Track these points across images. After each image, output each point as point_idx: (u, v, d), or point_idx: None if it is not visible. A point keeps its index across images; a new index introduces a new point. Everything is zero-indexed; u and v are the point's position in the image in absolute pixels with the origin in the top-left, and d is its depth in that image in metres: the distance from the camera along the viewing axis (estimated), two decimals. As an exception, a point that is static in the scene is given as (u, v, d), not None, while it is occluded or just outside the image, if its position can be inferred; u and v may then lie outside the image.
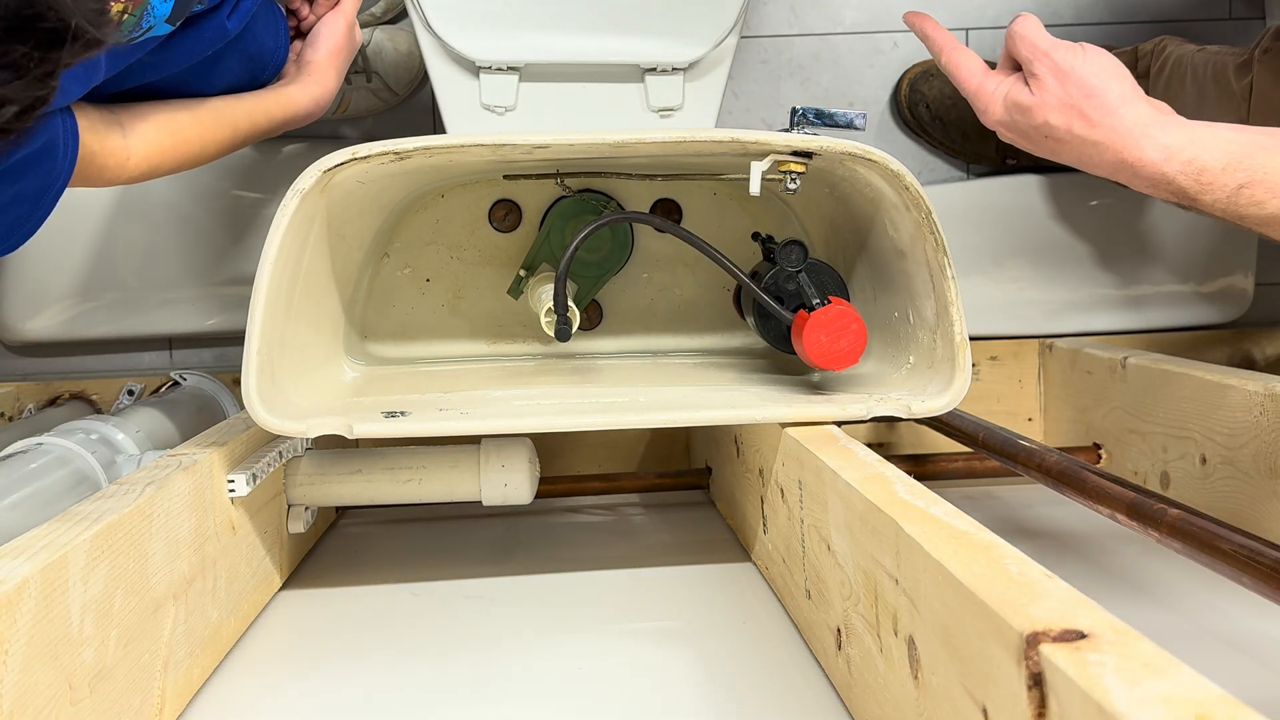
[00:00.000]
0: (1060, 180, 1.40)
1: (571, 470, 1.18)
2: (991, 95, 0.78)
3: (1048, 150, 0.76)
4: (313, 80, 0.92)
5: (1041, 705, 0.38)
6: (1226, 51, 1.13)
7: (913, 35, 1.46)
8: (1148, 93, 1.21)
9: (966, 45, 1.45)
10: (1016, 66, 0.80)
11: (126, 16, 0.67)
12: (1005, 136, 0.79)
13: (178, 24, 0.73)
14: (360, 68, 1.32)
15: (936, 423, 1.00)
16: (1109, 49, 1.30)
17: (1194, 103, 1.14)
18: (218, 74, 0.85)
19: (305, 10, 0.96)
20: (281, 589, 0.91)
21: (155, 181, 0.94)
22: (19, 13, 0.47)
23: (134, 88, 0.80)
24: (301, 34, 0.97)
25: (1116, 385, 1.13)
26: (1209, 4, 1.47)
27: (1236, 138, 0.66)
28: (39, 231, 0.75)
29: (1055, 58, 0.74)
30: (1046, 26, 1.56)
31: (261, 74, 0.91)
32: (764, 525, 0.88)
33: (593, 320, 1.10)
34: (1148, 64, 1.23)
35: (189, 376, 1.19)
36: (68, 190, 0.74)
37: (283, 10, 0.94)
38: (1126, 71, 0.74)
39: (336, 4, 0.97)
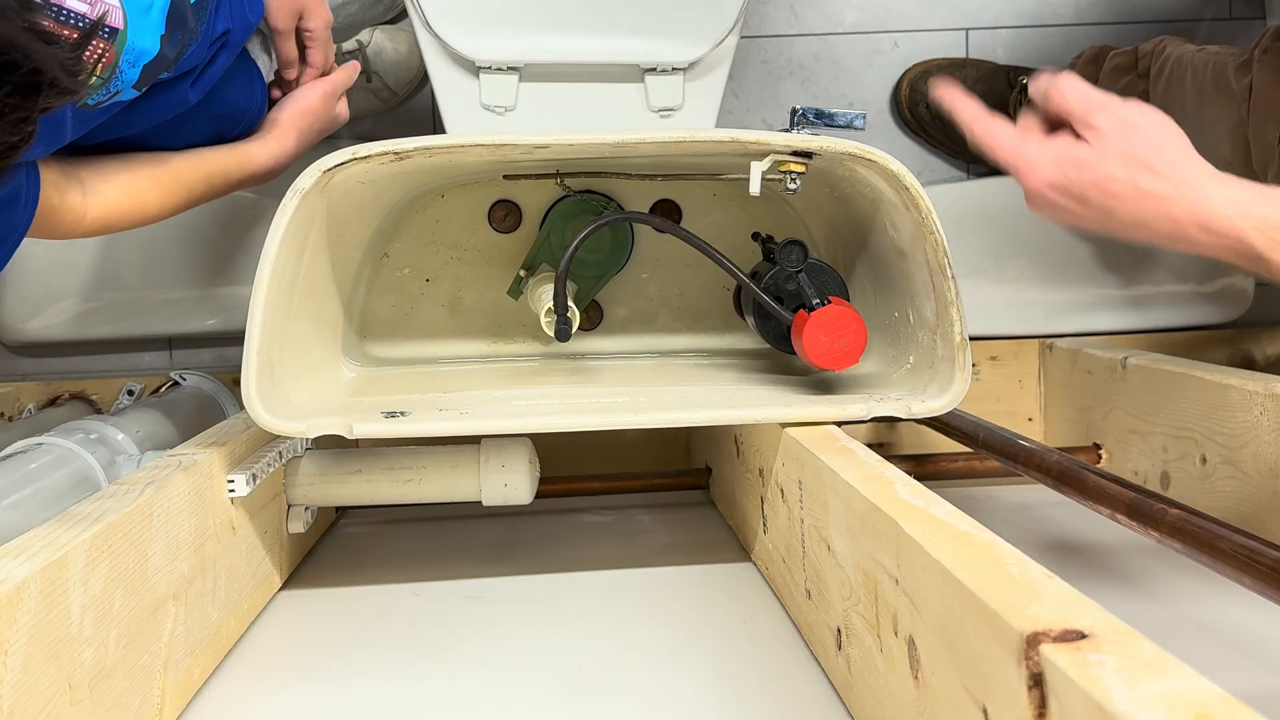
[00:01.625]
0: (1060, 180, 1.39)
1: (571, 470, 1.18)
2: (1036, 157, 0.71)
3: (1102, 210, 0.69)
4: (272, 138, 0.91)
5: (1042, 705, 0.38)
6: (1227, 52, 1.13)
7: (913, 35, 1.47)
8: (1148, 93, 1.22)
9: (966, 46, 1.46)
10: (1049, 127, 0.75)
11: (94, 79, 0.67)
12: (1052, 200, 0.70)
13: (143, 90, 0.73)
14: (360, 68, 1.32)
15: (937, 423, 1.00)
16: (1108, 49, 1.30)
17: (1194, 103, 1.14)
18: (183, 133, 0.85)
19: (292, 75, 0.96)
20: (281, 589, 0.91)
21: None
22: None
23: (98, 144, 0.81)
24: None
25: (1117, 385, 1.13)
26: (1209, 4, 1.47)
27: None
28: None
29: (1115, 109, 0.69)
30: (1046, 27, 1.57)
31: (231, 132, 0.90)
32: (764, 525, 0.88)
33: (593, 320, 1.10)
34: (1148, 64, 1.23)
35: (189, 376, 1.19)
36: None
37: (260, 72, 0.93)
38: (1179, 128, 0.70)
39: (324, 74, 0.96)
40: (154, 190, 0.83)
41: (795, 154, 0.81)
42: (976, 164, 1.45)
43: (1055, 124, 0.72)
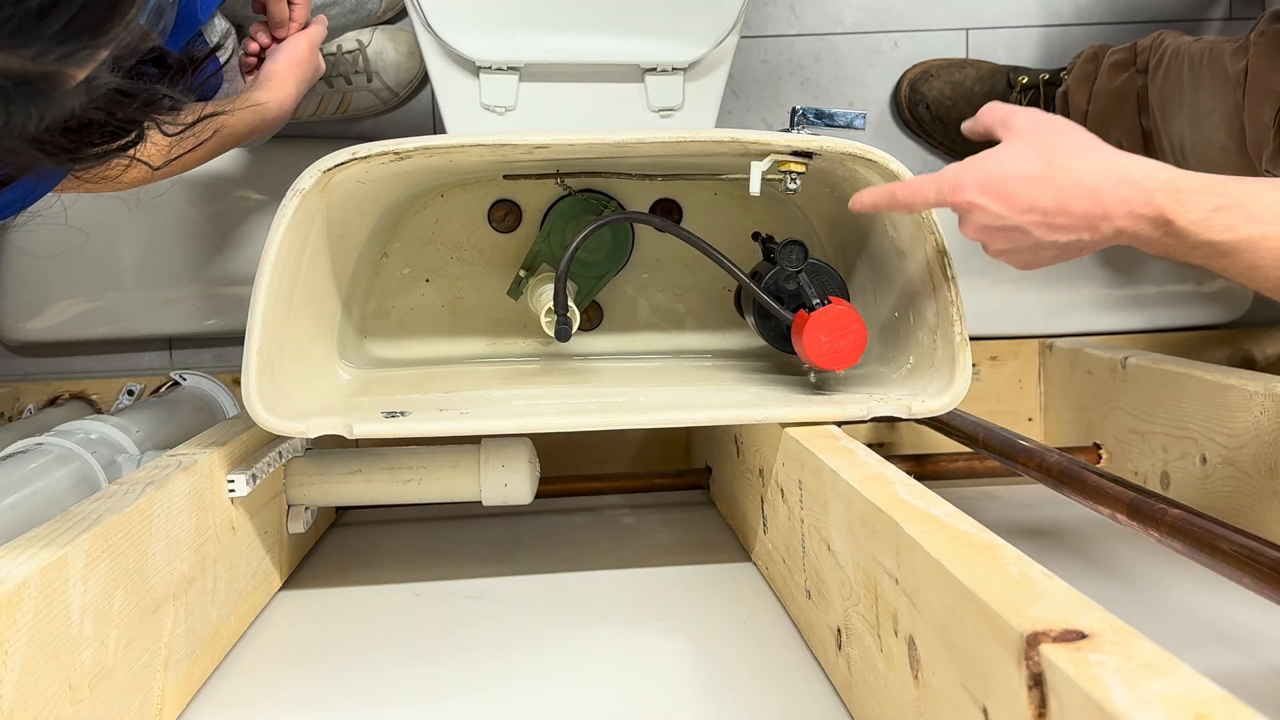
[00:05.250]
0: (1060, 180, 1.39)
1: (571, 470, 1.18)
2: (954, 172, 0.69)
3: (1025, 202, 0.67)
4: (275, 85, 0.96)
5: (1042, 705, 0.38)
6: (1223, 40, 1.13)
7: (913, 35, 1.47)
8: (1147, 86, 1.22)
9: (966, 46, 1.46)
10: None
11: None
12: (980, 205, 0.68)
13: None
14: (360, 68, 1.32)
15: (937, 423, 0.99)
16: (1107, 48, 1.30)
17: (1190, 91, 1.14)
18: None
19: (266, 39, 1.00)
20: (281, 589, 0.91)
21: (155, 182, 0.96)
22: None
23: None
24: (252, 68, 1.01)
25: (1117, 385, 1.13)
26: (1209, 3, 1.47)
27: (1207, 173, 0.65)
28: (38, 230, 0.76)
29: (1028, 112, 0.70)
30: (1046, 27, 1.56)
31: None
32: (764, 525, 0.88)
33: (593, 320, 1.10)
34: (1146, 59, 1.23)
35: (189, 376, 1.19)
36: (69, 193, 0.75)
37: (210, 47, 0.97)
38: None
39: (303, 28, 1.02)
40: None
41: (795, 154, 0.81)
42: (976, 164, 1.44)
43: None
